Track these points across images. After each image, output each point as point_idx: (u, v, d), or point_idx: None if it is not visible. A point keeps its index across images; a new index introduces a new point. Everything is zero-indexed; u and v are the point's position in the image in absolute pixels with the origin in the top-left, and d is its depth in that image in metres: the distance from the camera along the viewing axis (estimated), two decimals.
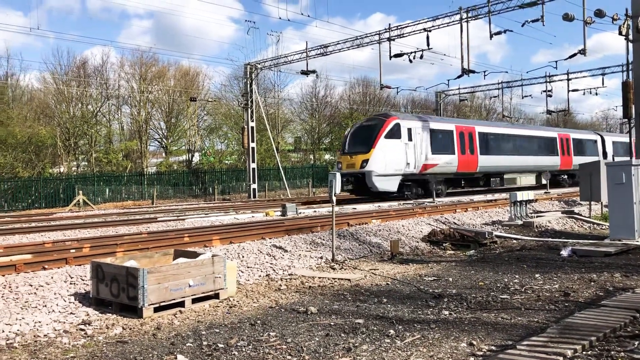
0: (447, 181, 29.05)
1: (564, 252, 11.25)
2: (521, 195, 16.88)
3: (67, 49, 59.06)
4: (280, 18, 33.18)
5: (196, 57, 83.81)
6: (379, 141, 24.82)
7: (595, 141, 40.88)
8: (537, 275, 9.16)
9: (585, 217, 17.52)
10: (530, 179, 34.91)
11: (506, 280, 8.86)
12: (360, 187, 25.20)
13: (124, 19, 72.15)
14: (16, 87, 45.96)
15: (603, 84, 41.75)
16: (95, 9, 68.07)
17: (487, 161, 30.59)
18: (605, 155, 40.43)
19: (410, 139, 25.96)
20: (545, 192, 28.84)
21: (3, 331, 6.17)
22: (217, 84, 54.02)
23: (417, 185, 26.83)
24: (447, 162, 27.90)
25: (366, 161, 24.42)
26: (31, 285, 7.60)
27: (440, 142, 27.85)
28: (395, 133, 25.44)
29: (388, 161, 24.70)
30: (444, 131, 28.41)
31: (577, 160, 37.22)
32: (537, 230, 15.43)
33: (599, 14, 22.17)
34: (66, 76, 45.92)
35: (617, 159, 38.35)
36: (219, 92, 53.69)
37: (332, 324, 6.39)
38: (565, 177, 38.51)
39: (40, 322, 6.50)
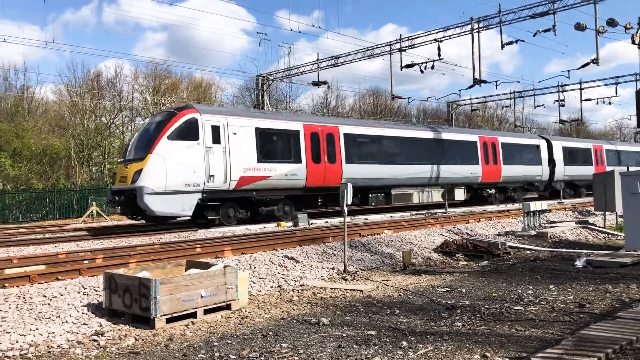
0: (294, 199, 21.51)
1: (579, 263, 11.13)
2: (534, 206, 16.77)
3: (82, 61, 59.83)
4: (291, 30, 33.45)
5: (209, 69, 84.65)
6: (159, 144, 17.56)
7: (538, 146, 33.49)
8: (551, 286, 9.06)
9: (599, 227, 17.34)
10: (435, 195, 26.89)
11: (520, 291, 8.78)
12: (134, 208, 17.75)
13: (138, 32, 73.14)
14: (32, 99, 46.59)
15: (616, 93, 41.23)
16: (110, 22, 69.05)
17: (358, 172, 23.01)
18: (552, 163, 34.04)
19: (217, 140, 18.71)
20: (559, 202, 28.63)
21: (17, 342, 6.21)
22: (230, 95, 54.55)
23: (237, 206, 19.52)
24: (289, 174, 20.51)
25: (139, 172, 17.25)
26: (45, 296, 7.65)
27: (275, 146, 20.64)
28: (188, 132, 18.23)
29: (173, 172, 17.42)
30: (282, 131, 20.97)
31: (510, 170, 30.86)
32: (550, 240, 15.29)
33: (612, 23, 22.07)
34: (80, 89, 46.48)
35: (569, 168, 34.87)
36: (231, 104, 54.01)
37: (345, 335, 6.37)
38: (493, 191, 30.62)
39: (53, 332, 6.54)
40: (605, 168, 36.67)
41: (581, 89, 39.68)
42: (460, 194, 27.97)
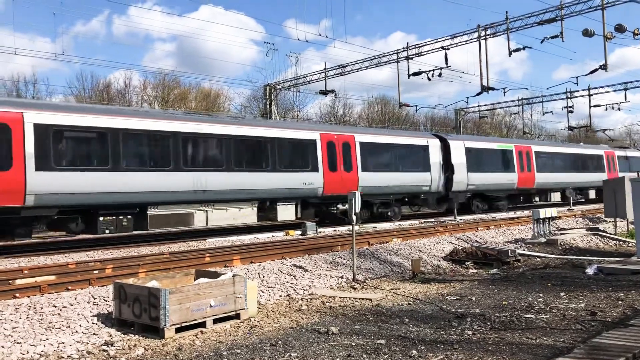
0: None
1: (590, 270, 11.04)
2: (544, 213, 16.68)
3: (91, 73, 60.31)
4: (299, 39, 33.57)
5: (218, 79, 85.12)
6: None
7: (425, 147, 25.11)
8: (562, 294, 8.99)
9: (610, 234, 17.20)
10: (242, 213, 18.79)
11: (530, 299, 8.71)
12: None
13: (147, 43, 73.74)
14: None
15: (626, 98, 40.96)
16: (120, 34, 69.62)
17: (69, 183, 14.98)
18: (449, 169, 25.92)
19: None
20: (569, 209, 28.43)
21: (28, 352, 6.24)
22: (238, 105, 54.76)
23: None
24: None
25: None
26: (55, 306, 7.69)
27: None
28: None
29: None
30: None
31: (373, 178, 22.46)
32: (561, 247, 15.19)
33: (620, 29, 21.98)
34: (90, 100, 46.87)
35: (476, 175, 27.12)
36: (239, 113, 54.19)
37: (354, 344, 6.34)
38: (338, 207, 22.03)
39: (63, 343, 6.56)
40: (535, 175, 30.83)
41: (590, 95, 39.46)
42: (287, 212, 19.98)
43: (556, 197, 33.35)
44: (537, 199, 32.53)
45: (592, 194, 35.47)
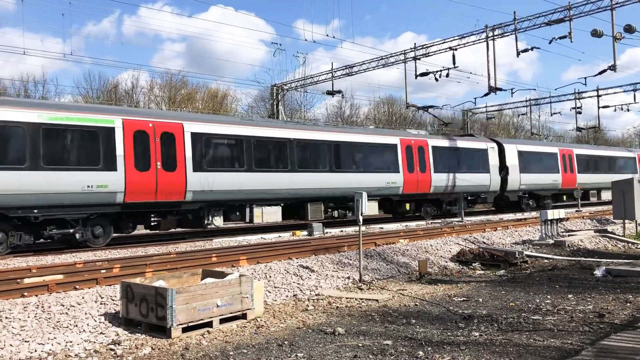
0: None
1: (598, 272, 10.98)
2: (552, 214, 16.59)
3: (99, 73, 60.51)
4: (306, 40, 33.51)
5: (226, 79, 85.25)
6: None
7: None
8: (569, 296, 8.95)
9: (619, 235, 17.10)
10: None
11: (538, 300, 8.67)
12: None
13: (157, 43, 73.94)
14: None
15: (635, 99, 40.62)
16: (130, 34, 69.85)
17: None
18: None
19: None
20: (577, 211, 28.28)
21: (36, 350, 6.28)
22: (245, 105, 54.76)
23: None
24: None
25: None
26: (63, 305, 7.72)
27: None
28: None
29: None
30: None
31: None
32: (568, 249, 15.11)
33: (629, 29, 21.86)
34: (98, 100, 47.07)
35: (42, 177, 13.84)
36: (245, 114, 54.26)
37: (360, 345, 6.33)
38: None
39: (71, 341, 6.59)
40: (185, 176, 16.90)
41: (598, 96, 39.20)
42: None
43: (314, 213, 20.29)
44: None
45: (371, 208, 21.39)
